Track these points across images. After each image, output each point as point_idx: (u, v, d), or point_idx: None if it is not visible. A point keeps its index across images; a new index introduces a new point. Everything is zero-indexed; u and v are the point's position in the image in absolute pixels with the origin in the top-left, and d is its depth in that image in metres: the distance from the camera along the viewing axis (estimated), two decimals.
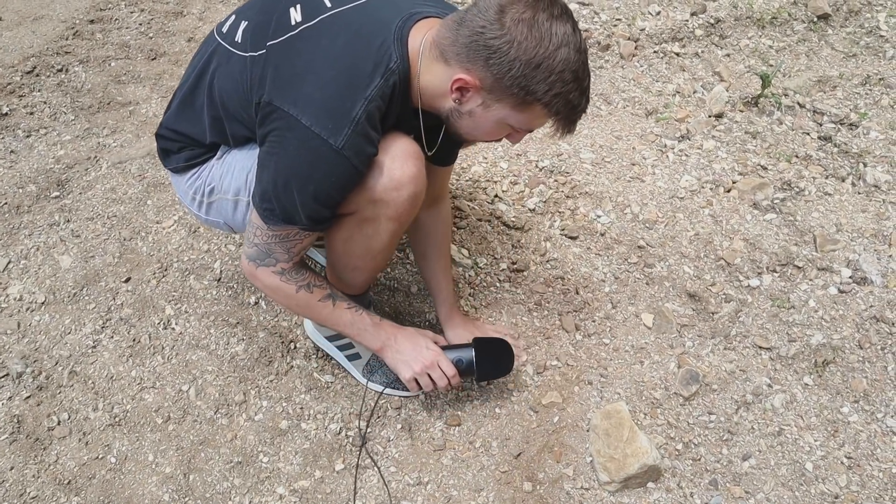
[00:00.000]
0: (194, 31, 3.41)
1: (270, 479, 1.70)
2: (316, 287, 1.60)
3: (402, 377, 1.68)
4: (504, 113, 1.41)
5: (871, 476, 1.66)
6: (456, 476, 1.70)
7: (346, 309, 1.62)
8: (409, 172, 1.48)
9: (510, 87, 1.34)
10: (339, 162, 1.39)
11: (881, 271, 2.06)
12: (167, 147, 1.72)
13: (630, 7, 3.27)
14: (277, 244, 1.52)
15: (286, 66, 1.42)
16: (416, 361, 1.65)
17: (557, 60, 1.31)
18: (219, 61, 1.57)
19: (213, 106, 1.59)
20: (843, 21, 3.22)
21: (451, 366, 1.68)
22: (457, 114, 1.46)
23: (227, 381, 1.89)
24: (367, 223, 1.54)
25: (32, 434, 1.77)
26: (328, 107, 1.37)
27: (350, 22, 1.45)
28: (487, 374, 1.77)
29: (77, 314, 2.05)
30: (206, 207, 1.74)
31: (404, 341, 1.67)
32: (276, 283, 1.57)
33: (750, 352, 1.92)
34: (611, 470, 1.63)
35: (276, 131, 1.41)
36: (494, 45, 1.31)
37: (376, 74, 1.39)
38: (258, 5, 1.59)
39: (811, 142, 2.59)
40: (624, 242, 2.22)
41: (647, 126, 2.69)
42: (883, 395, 1.80)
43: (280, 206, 1.44)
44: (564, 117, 1.40)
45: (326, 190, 1.42)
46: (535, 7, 1.31)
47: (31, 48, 3.17)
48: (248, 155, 1.63)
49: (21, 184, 2.48)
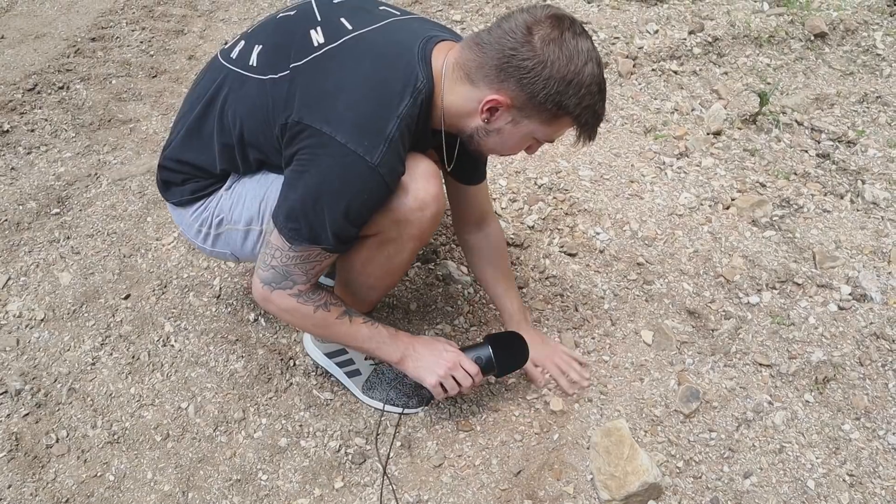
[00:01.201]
0: (195, 49, 3.43)
1: (269, 497, 1.69)
2: (332, 305, 1.59)
3: (426, 384, 1.66)
4: (532, 127, 1.46)
5: (874, 493, 1.65)
6: (456, 494, 1.69)
7: (362, 324, 1.62)
8: (432, 192, 1.50)
9: (544, 104, 1.39)
10: (374, 179, 1.40)
11: (881, 288, 2.06)
12: (170, 179, 1.69)
13: (628, 26, 3.30)
14: (297, 266, 1.51)
15: (315, 86, 1.43)
16: (439, 365, 1.65)
17: (586, 75, 1.38)
18: (231, 87, 1.56)
19: (224, 133, 1.58)
20: (839, 40, 3.25)
21: (472, 364, 1.68)
22: (483, 132, 1.49)
23: (226, 398, 1.89)
24: (389, 243, 1.56)
25: (31, 452, 1.77)
26: (363, 124, 1.39)
27: (374, 43, 1.47)
28: (507, 368, 1.77)
29: (76, 331, 2.04)
30: (213, 239, 1.72)
31: (422, 348, 1.67)
32: (292, 305, 1.56)
33: (750, 369, 1.92)
34: (611, 488, 1.62)
35: (308, 149, 1.41)
36: (528, 66, 1.36)
37: (406, 94, 1.42)
38: (270, 29, 1.59)
39: (809, 159, 2.60)
40: (623, 259, 2.22)
41: (646, 143, 2.70)
42: (884, 412, 1.80)
43: (307, 225, 1.44)
44: (590, 127, 1.47)
45: (358, 207, 1.43)
46: (560, 27, 1.37)
47: (33, 66, 3.19)
48: (259, 184, 1.63)
49: (21, 200, 2.48)
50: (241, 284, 2.17)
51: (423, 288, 2.16)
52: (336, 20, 1.52)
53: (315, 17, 1.54)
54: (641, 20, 3.35)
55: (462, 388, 1.68)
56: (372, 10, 1.59)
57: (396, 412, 1.83)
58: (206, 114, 1.60)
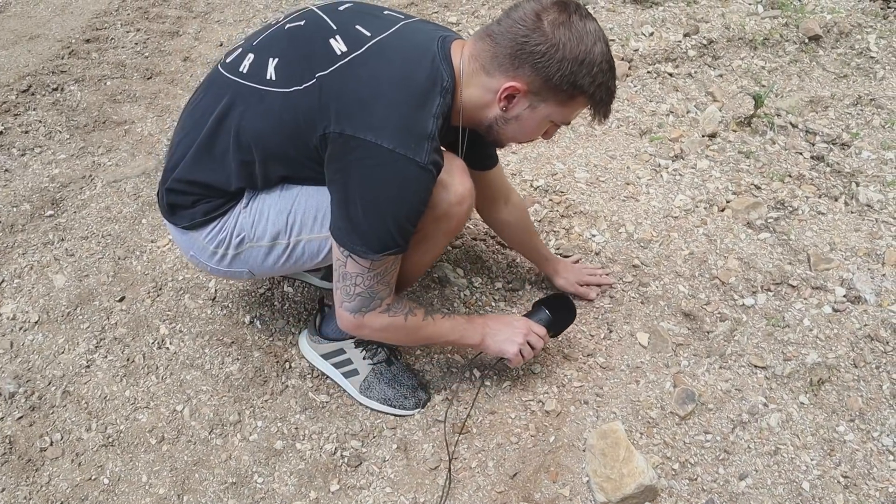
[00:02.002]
0: (190, 50, 3.43)
1: (265, 499, 1.69)
2: (416, 308, 1.66)
3: (509, 354, 1.75)
4: (549, 111, 1.51)
5: (868, 495, 1.65)
6: (452, 497, 1.69)
7: (443, 319, 1.71)
8: (468, 186, 1.57)
9: (559, 85, 1.44)
10: (426, 177, 1.45)
11: (875, 290, 2.07)
12: (178, 202, 1.64)
13: (623, 28, 3.31)
14: (379, 282, 1.56)
15: (349, 95, 1.44)
16: (516, 334, 1.75)
17: (597, 53, 1.43)
18: (246, 103, 1.52)
19: (242, 150, 1.54)
20: (834, 42, 3.26)
21: (540, 327, 1.79)
22: (502, 121, 1.54)
23: (221, 400, 1.88)
24: (425, 240, 1.61)
25: (24, 455, 1.76)
26: (405, 126, 1.42)
27: (397, 47, 1.50)
28: (563, 326, 1.88)
29: (70, 333, 2.04)
30: (231, 259, 1.69)
31: (496, 324, 1.77)
32: (385, 322, 1.62)
33: (745, 371, 1.92)
34: (607, 490, 1.62)
35: (357, 161, 1.43)
36: (541, 50, 1.41)
37: (435, 92, 1.46)
38: (285, 41, 1.56)
39: (804, 161, 2.61)
40: (619, 261, 2.22)
41: (641, 146, 2.71)
42: (878, 414, 1.80)
43: (377, 237, 1.47)
44: (605, 104, 1.52)
45: (417, 207, 1.48)
46: (566, 11, 1.42)
47: (27, 67, 3.19)
48: (281, 198, 1.61)
49: (15, 202, 2.47)
50: (236, 287, 2.17)
51: (419, 290, 2.16)
52: (352, 28, 1.52)
53: (329, 25, 1.53)
54: (637, 22, 3.35)
55: (535, 351, 1.78)
56: (379, 14, 1.60)
57: (391, 413, 1.83)
58: (216, 131, 1.56)
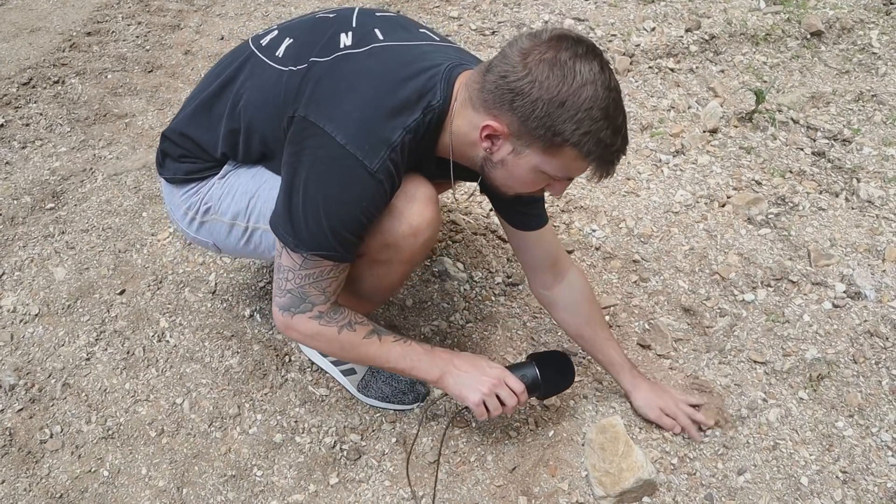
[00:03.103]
0: (191, 44, 3.42)
1: (265, 492, 1.69)
2: (358, 324, 1.51)
3: (468, 402, 1.54)
4: (536, 160, 1.34)
5: (867, 490, 1.66)
6: (451, 490, 1.69)
7: (393, 342, 1.53)
8: (427, 218, 1.45)
9: (536, 129, 1.29)
10: (372, 185, 1.35)
11: (875, 286, 2.07)
12: (169, 151, 1.66)
13: (625, 23, 3.30)
14: (311, 285, 1.45)
15: (327, 83, 1.40)
16: (482, 383, 1.53)
17: (583, 97, 1.25)
18: (251, 72, 1.52)
19: (233, 117, 1.54)
20: (835, 38, 3.25)
21: (518, 382, 1.57)
22: (490, 164, 1.41)
23: (221, 394, 1.88)
24: (378, 265, 1.52)
25: (24, 447, 1.76)
26: (367, 127, 1.35)
27: (400, 54, 1.44)
28: (553, 389, 1.69)
29: (71, 326, 2.04)
30: (198, 225, 1.69)
31: (464, 364, 1.56)
32: (315, 329, 1.49)
33: (745, 366, 1.92)
34: (606, 484, 1.63)
35: (308, 149, 1.37)
36: (517, 87, 1.27)
37: (418, 107, 1.37)
38: (307, 26, 1.56)
39: (805, 157, 2.61)
40: (619, 257, 2.22)
41: (642, 141, 2.70)
42: (877, 410, 1.81)
43: (308, 232, 1.38)
44: (599, 157, 1.32)
45: (356, 214, 1.37)
46: (557, 47, 1.27)
47: (28, 60, 3.18)
48: (253, 179, 1.60)
49: (16, 195, 2.47)
50: (236, 280, 2.17)
51: (419, 284, 2.16)
52: (370, 29, 1.48)
53: (350, 22, 1.51)
54: (638, 17, 3.35)
55: (506, 409, 1.56)
56: (412, 29, 1.55)
57: (392, 409, 1.83)
58: (220, 93, 1.57)
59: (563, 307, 1.78)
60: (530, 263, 1.77)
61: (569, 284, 1.77)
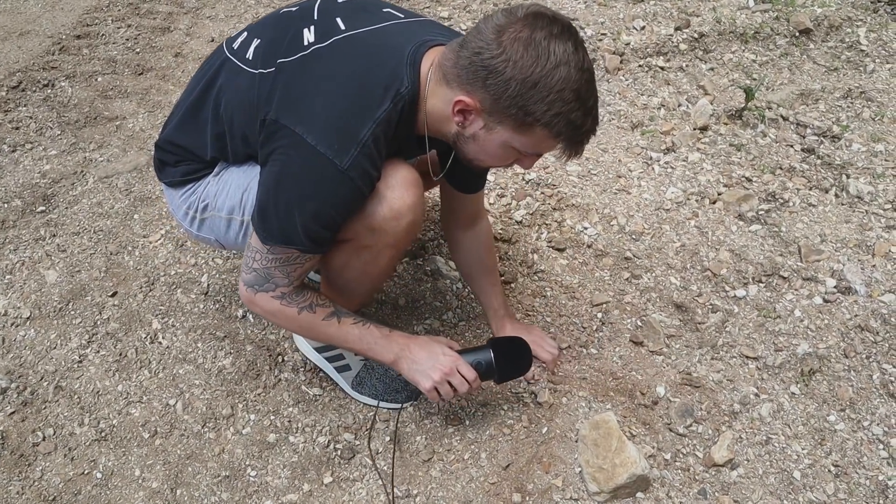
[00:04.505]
0: (181, 46, 3.42)
1: (258, 493, 1.69)
2: (319, 306, 1.56)
3: (421, 388, 1.60)
4: (507, 136, 1.37)
5: (858, 484, 1.67)
6: (444, 488, 1.69)
7: (352, 325, 1.57)
8: (409, 202, 1.47)
9: (508, 108, 1.31)
10: (344, 183, 1.38)
11: (865, 281, 2.08)
12: (164, 159, 1.70)
13: (615, 22, 3.31)
14: (277, 268, 1.49)
15: (295, 85, 1.42)
16: (435, 370, 1.58)
17: (556, 79, 1.27)
18: (227, 77, 1.55)
19: (217, 121, 1.57)
20: (824, 36, 3.27)
21: (470, 370, 1.61)
22: (462, 138, 1.43)
23: (214, 394, 1.88)
24: (364, 250, 1.54)
25: (17, 450, 1.75)
26: (335, 126, 1.37)
27: (363, 44, 1.44)
28: (508, 375, 1.70)
29: (63, 329, 2.03)
30: (199, 224, 1.73)
31: (419, 350, 1.60)
32: (276, 308, 1.54)
33: (737, 361, 1.93)
34: (600, 480, 1.63)
35: (281, 149, 1.40)
36: (491, 65, 1.29)
37: (386, 98, 1.38)
38: (271, 24, 1.58)
39: (795, 154, 2.62)
40: (611, 254, 2.23)
41: (633, 139, 2.71)
42: (868, 404, 1.82)
43: (279, 227, 1.42)
44: (568, 138, 1.35)
45: (328, 211, 1.41)
46: (532, 26, 1.28)
47: (17, 63, 3.17)
48: (245, 173, 1.62)
49: (6, 199, 2.46)
50: (228, 281, 2.17)
51: (411, 283, 2.17)
52: (332, 20, 1.49)
53: (312, 15, 1.52)
54: (628, 16, 3.36)
55: (458, 394, 1.62)
56: (374, 11, 1.56)
57: (386, 408, 1.83)
58: (203, 98, 1.60)
59: (465, 250, 1.91)
60: (453, 210, 1.87)
61: (475, 233, 1.89)
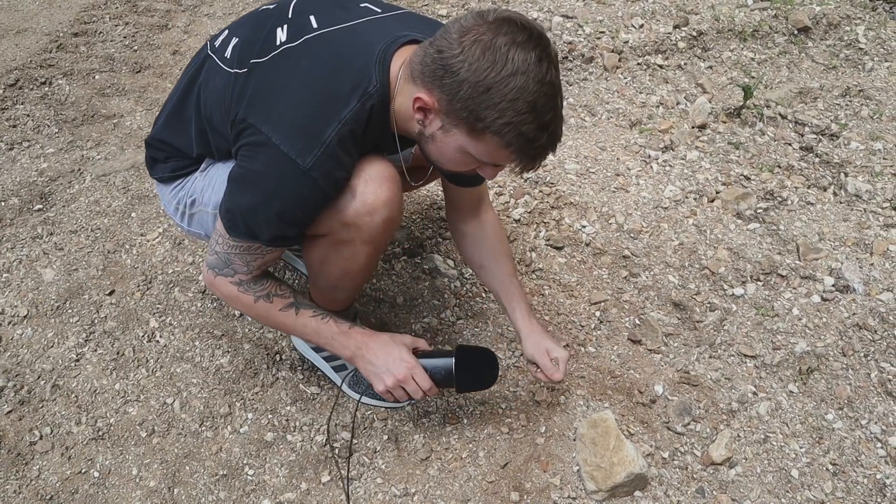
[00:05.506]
0: (179, 44, 3.41)
1: (256, 491, 1.69)
2: (276, 297, 1.57)
3: (375, 389, 1.59)
4: (462, 140, 1.34)
5: (856, 482, 1.67)
6: (443, 487, 1.69)
7: (310, 317, 1.57)
8: (383, 197, 1.45)
9: (461, 111, 1.29)
10: (306, 183, 1.37)
11: (863, 279, 2.08)
12: (155, 156, 1.72)
13: (613, 20, 3.31)
14: (237, 256, 1.52)
15: (265, 85, 1.43)
16: (388, 374, 1.55)
17: (510, 87, 1.24)
18: (208, 75, 1.57)
19: (199, 118, 1.60)
20: (822, 34, 3.26)
21: (425, 378, 1.56)
22: (423, 137, 1.41)
23: (212, 393, 1.88)
24: (342, 245, 1.53)
25: (14, 449, 1.75)
26: (299, 126, 1.37)
27: (333, 43, 1.44)
28: (467, 386, 1.66)
29: (60, 327, 2.03)
30: (189, 219, 1.74)
31: (377, 350, 1.57)
32: (234, 293, 1.57)
33: (735, 360, 1.93)
34: (598, 479, 1.63)
35: (247, 147, 1.42)
36: (448, 65, 1.27)
37: (353, 97, 1.37)
38: (250, 23, 1.59)
39: (793, 152, 2.62)
40: (609, 252, 2.23)
41: (631, 137, 2.71)
42: (867, 402, 1.82)
43: (244, 221, 1.44)
44: (519, 150, 1.31)
45: (291, 210, 1.41)
46: (496, 31, 1.25)
47: (14, 61, 3.16)
48: (229, 168, 1.61)
49: (3, 197, 2.46)
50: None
51: (409, 282, 2.16)
52: (305, 18, 1.48)
53: (287, 14, 1.52)
54: (627, 14, 3.35)
55: (412, 400, 1.60)
56: (350, 7, 1.54)
57: (381, 406, 1.83)
58: (187, 95, 1.62)
59: (472, 240, 1.83)
60: (456, 202, 1.83)
61: (481, 223, 1.83)
